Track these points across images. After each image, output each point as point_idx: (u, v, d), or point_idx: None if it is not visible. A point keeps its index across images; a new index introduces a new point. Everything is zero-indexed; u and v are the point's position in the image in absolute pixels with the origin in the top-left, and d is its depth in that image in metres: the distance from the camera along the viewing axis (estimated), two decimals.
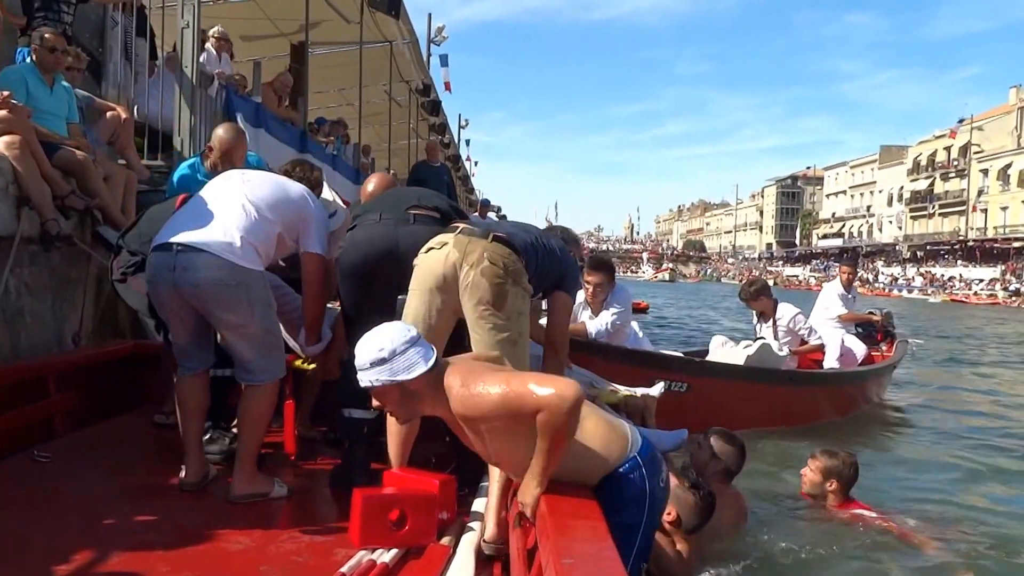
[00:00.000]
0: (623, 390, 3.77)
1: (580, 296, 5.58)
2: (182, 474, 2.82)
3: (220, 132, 3.85)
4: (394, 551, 2.17)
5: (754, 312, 6.97)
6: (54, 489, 2.74)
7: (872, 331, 8.24)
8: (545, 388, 1.92)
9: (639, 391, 3.86)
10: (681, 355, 6.15)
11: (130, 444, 3.40)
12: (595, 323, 5.46)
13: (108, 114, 5.24)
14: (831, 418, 6.66)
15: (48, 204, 3.93)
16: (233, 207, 2.76)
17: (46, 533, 2.33)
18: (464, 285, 2.58)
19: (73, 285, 4.29)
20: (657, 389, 3.94)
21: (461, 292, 2.59)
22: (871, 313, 8.54)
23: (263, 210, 2.78)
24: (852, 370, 7.32)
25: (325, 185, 3.47)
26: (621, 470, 2.06)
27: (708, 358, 6.36)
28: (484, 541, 2.25)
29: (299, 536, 2.37)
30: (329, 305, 3.19)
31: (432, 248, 2.68)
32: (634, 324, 5.97)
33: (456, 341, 2.72)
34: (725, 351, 6.32)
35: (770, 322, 6.79)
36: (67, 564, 2.08)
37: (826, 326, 7.58)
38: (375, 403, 2.12)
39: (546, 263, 2.88)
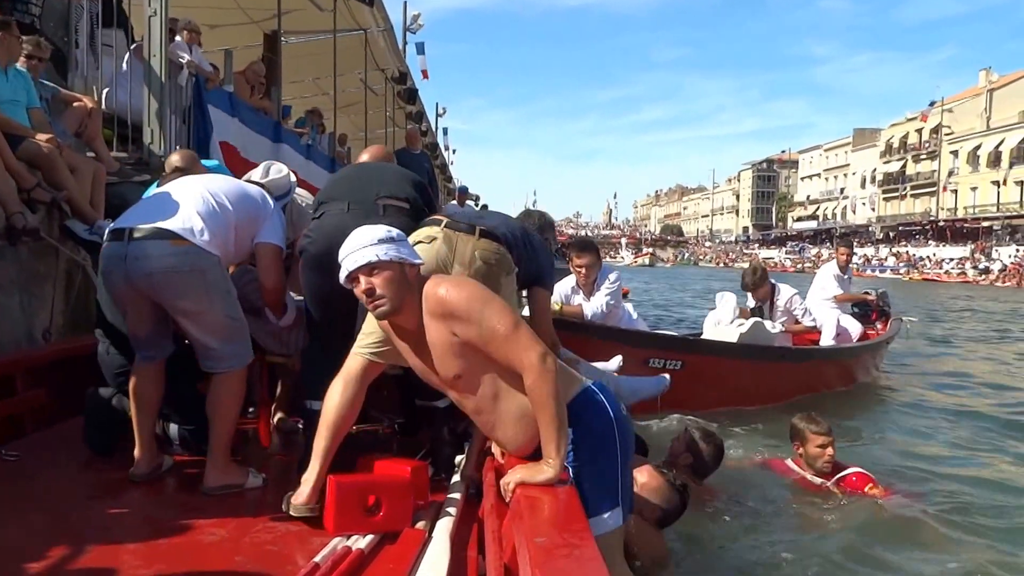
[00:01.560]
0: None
1: (571, 280, 5.73)
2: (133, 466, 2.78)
3: (174, 160, 3.68)
4: (369, 537, 2.18)
5: (748, 295, 7.12)
6: (23, 488, 2.70)
7: (867, 311, 8.49)
8: (535, 345, 1.97)
9: (599, 365, 3.95)
10: (675, 334, 6.30)
11: None
12: (591, 305, 5.54)
13: (74, 105, 5.15)
14: (823, 392, 6.85)
15: (13, 197, 3.86)
16: (192, 196, 2.76)
17: (16, 532, 2.30)
18: None
19: (42, 280, 4.22)
20: (615, 362, 4.03)
21: None
22: (866, 293, 8.78)
23: (221, 200, 2.79)
24: (843, 346, 7.53)
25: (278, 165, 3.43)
26: (580, 398, 2.09)
27: (703, 337, 6.52)
28: (463, 474, 2.47)
29: (274, 526, 2.36)
30: (297, 297, 3.17)
31: (420, 242, 2.67)
32: (628, 305, 6.05)
33: None
34: (719, 329, 6.44)
35: (767, 303, 6.99)
36: (38, 562, 2.06)
37: (823, 306, 7.82)
38: (359, 288, 2.14)
39: (527, 256, 2.93)
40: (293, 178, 3.43)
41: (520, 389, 2.02)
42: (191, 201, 2.73)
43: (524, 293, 3.34)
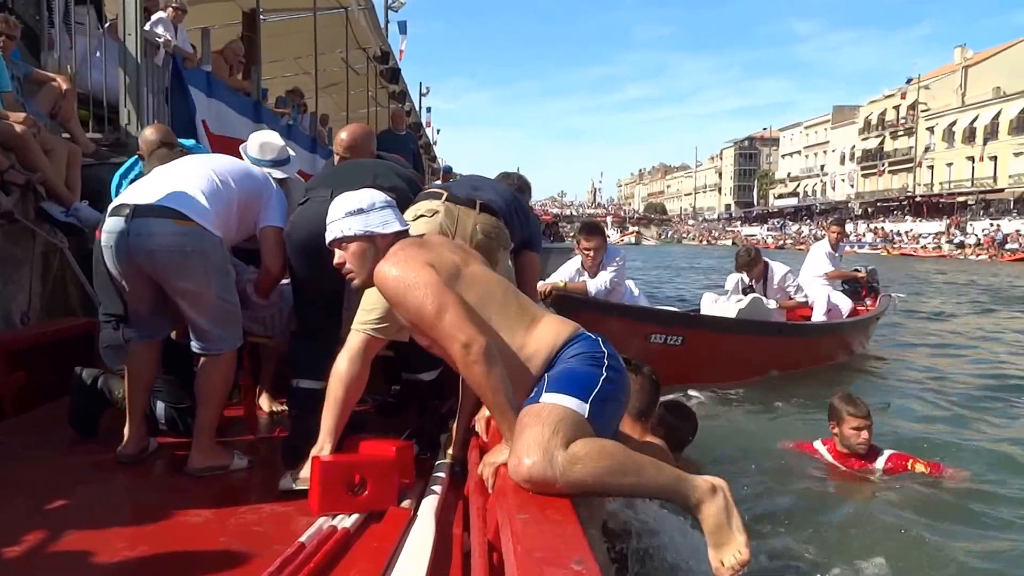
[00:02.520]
0: None
1: (576, 262, 5.87)
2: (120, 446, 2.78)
3: (149, 134, 3.66)
4: (355, 517, 2.20)
5: (743, 275, 7.32)
6: (6, 471, 2.70)
7: (857, 287, 8.72)
8: (456, 335, 1.94)
9: None
10: (675, 310, 6.47)
11: None
12: (594, 282, 5.68)
13: (49, 85, 5.06)
14: (817, 366, 7.04)
15: None
16: (196, 175, 2.75)
17: None
18: None
19: (18, 263, 4.17)
20: None
21: None
22: (856, 270, 8.98)
23: (226, 179, 2.78)
24: (836, 322, 7.82)
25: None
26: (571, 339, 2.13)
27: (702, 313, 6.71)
28: (450, 453, 2.55)
29: (260, 507, 2.38)
30: (284, 281, 3.17)
31: (422, 215, 2.72)
32: (630, 282, 6.16)
33: None
34: (717, 306, 6.64)
35: (761, 282, 7.21)
36: (21, 545, 2.06)
37: (814, 283, 8.01)
38: (337, 259, 2.21)
39: (519, 223, 3.03)
40: (290, 151, 3.43)
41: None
42: (196, 180, 2.71)
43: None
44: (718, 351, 5.93)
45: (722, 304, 6.62)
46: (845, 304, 8.07)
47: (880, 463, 4.04)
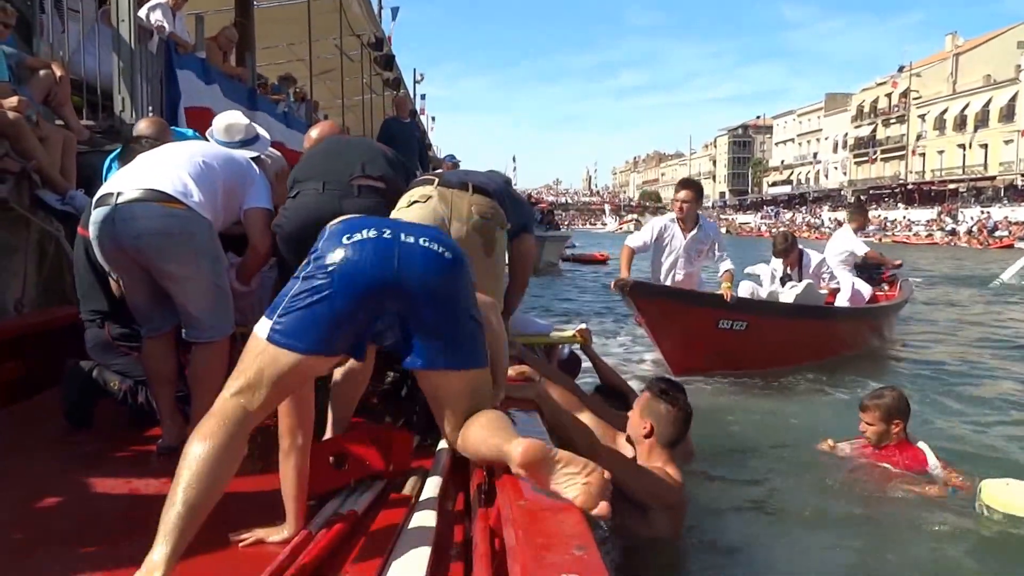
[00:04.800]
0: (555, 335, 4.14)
1: (670, 215, 6.26)
2: (161, 440, 2.76)
3: (143, 127, 3.62)
4: (358, 503, 2.22)
5: (779, 261, 7.53)
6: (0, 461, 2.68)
7: (875, 273, 8.80)
8: None
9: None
10: (741, 296, 6.68)
11: None
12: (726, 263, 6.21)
13: (41, 72, 5.01)
14: (858, 350, 7.41)
15: None
16: (181, 158, 2.72)
17: None
18: (456, 239, 2.63)
19: (13, 251, 4.16)
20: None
21: None
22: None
23: (210, 163, 2.75)
24: (878, 305, 8.10)
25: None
26: None
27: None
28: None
29: (259, 494, 2.37)
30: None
31: (416, 201, 2.73)
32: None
33: None
34: (770, 292, 6.99)
35: (796, 268, 7.39)
36: (16, 535, 2.07)
37: (838, 268, 8.11)
38: None
39: (511, 207, 3.04)
40: (264, 132, 3.42)
41: None
42: (180, 164, 2.67)
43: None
44: (778, 336, 6.22)
45: (776, 290, 6.98)
46: (866, 290, 8.21)
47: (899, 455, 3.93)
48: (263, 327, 1.77)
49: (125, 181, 2.60)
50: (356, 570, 1.87)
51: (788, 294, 6.76)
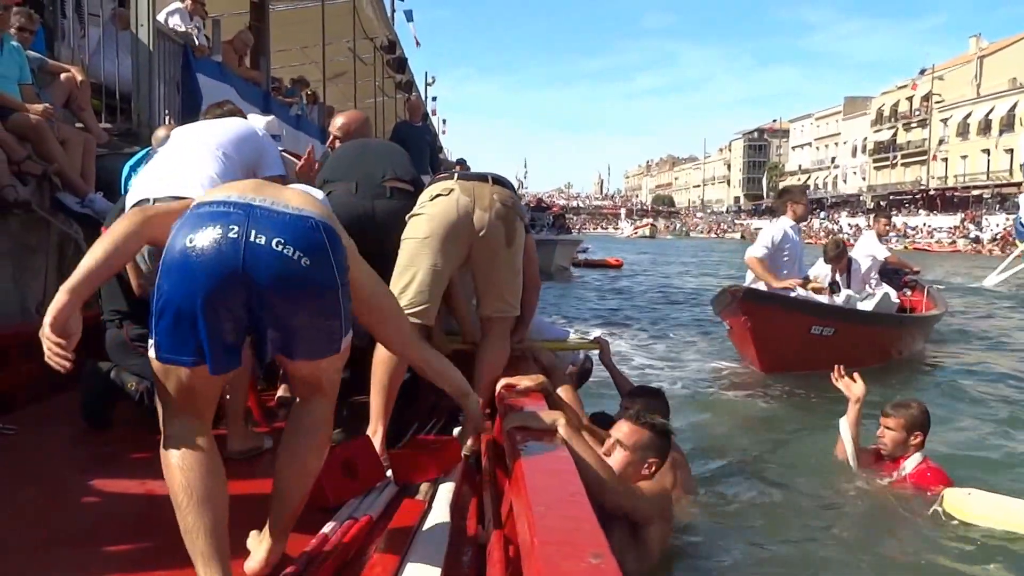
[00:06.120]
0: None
1: (787, 224, 6.52)
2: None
3: (161, 134, 3.62)
4: (372, 510, 2.22)
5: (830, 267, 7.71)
6: (20, 460, 2.71)
7: (895, 277, 8.88)
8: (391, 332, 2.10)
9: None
10: (830, 304, 7.05)
11: None
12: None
13: (62, 76, 5.08)
14: (909, 355, 7.84)
15: (4, 170, 3.84)
16: (201, 153, 2.73)
17: (12, 505, 2.30)
18: (480, 228, 2.74)
19: (33, 253, 4.21)
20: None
21: (478, 235, 2.74)
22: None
23: (228, 151, 2.78)
24: (931, 314, 8.47)
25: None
26: None
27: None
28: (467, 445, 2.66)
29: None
30: None
31: (439, 195, 2.77)
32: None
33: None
34: (847, 296, 7.30)
35: (845, 275, 7.62)
36: (35, 535, 2.08)
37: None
38: None
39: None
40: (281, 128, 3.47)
41: None
42: (205, 163, 2.69)
43: None
44: (859, 340, 6.64)
45: (855, 300, 7.38)
46: (894, 295, 8.29)
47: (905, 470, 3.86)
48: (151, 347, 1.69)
49: (157, 186, 2.62)
50: (371, 575, 1.86)
51: (869, 303, 7.32)
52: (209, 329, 1.61)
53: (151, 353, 1.69)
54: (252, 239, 1.61)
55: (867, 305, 7.28)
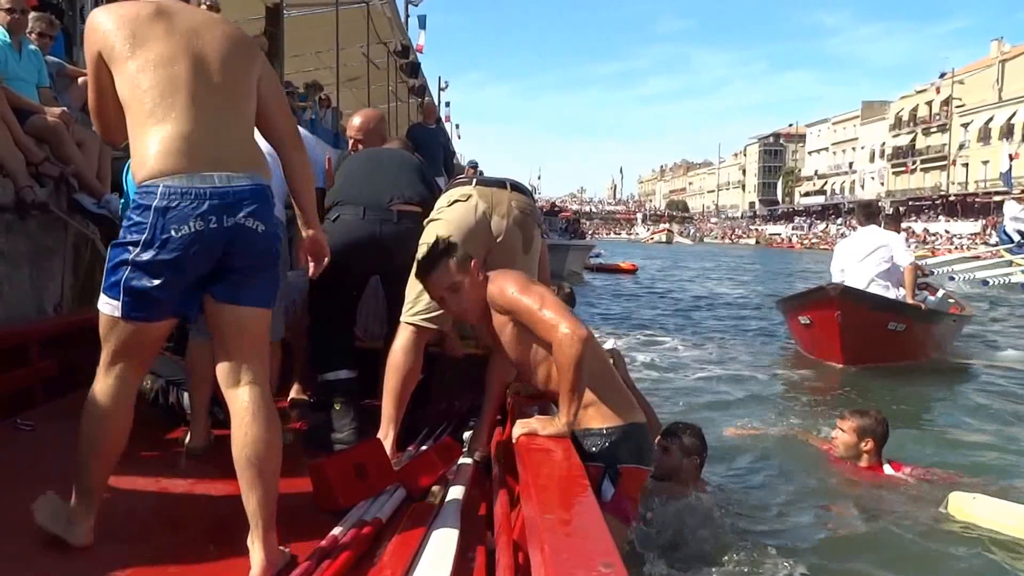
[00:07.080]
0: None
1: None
2: (186, 439, 2.83)
3: None
4: (381, 512, 2.21)
5: None
6: (39, 456, 2.74)
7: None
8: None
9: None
10: (903, 302, 7.42)
11: None
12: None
13: (80, 80, 5.13)
14: (953, 352, 8.51)
15: (22, 171, 3.88)
16: None
17: (31, 499, 2.28)
18: (498, 234, 2.75)
19: (51, 253, 4.24)
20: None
21: (495, 241, 2.75)
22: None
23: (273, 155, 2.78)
24: (964, 314, 8.98)
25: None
26: None
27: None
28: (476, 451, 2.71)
29: (286, 497, 2.39)
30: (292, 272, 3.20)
31: (457, 200, 2.78)
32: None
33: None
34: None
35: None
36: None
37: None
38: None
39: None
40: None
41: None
42: None
43: None
44: (922, 336, 7.55)
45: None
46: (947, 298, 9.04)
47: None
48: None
49: None
50: None
51: (930, 302, 8.07)
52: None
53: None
54: (226, 223, 1.95)
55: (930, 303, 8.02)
